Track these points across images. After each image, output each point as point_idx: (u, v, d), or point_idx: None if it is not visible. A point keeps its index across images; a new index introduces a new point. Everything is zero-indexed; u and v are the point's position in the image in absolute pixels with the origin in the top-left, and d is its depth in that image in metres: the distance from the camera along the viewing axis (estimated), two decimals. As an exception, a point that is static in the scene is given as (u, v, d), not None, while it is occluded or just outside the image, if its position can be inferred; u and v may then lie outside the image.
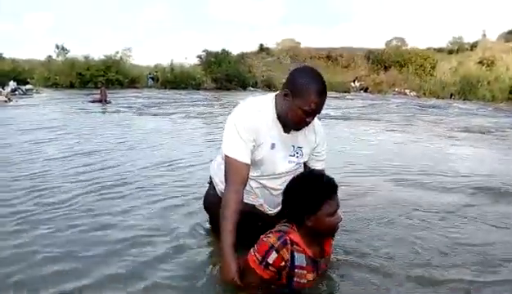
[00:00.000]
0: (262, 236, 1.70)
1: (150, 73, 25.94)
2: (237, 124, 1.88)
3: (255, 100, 2.02)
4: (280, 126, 1.94)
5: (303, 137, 2.01)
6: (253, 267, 1.65)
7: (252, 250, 1.68)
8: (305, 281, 1.68)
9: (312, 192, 1.67)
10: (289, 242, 1.65)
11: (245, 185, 1.88)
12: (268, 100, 1.96)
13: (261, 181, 2.01)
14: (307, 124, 1.91)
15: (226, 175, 1.88)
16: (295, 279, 1.66)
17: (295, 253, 1.66)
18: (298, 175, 1.82)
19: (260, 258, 1.64)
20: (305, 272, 1.68)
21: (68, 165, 4.12)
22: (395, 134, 7.79)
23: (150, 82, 25.20)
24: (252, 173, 1.94)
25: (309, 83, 1.82)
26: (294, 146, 1.99)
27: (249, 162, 1.87)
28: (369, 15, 70.53)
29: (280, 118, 1.92)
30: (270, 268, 1.63)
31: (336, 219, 1.70)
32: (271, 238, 1.65)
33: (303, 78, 1.84)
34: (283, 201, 1.80)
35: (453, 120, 10.92)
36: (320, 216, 1.66)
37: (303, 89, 1.81)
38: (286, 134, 1.96)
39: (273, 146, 1.93)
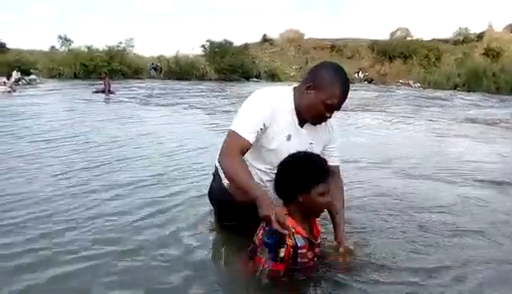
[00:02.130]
0: (258, 236, 1.73)
1: (152, 63, 25.85)
2: (254, 106, 1.86)
3: (275, 88, 2.00)
4: (296, 119, 1.91)
5: (317, 133, 1.98)
6: (266, 267, 1.69)
7: (258, 253, 1.71)
8: (306, 260, 1.74)
9: (309, 170, 1.73)
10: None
11: (241, 159, 1.83)
12: (287, 91, 1.94)
13: (272, 175, 1.94)
14: (326, 119, 1.90)
15: (224, 146, 1.84)
16: (299, 260, 1.71)
17: (295, 235, 1.71)
18: (295, 154, 1.82)
19: (272, 257, 1.68)
20: (305, 251, 1.73)
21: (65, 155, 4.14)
22: (399, 125, 7.76)
23: (153, 72, 25.12)
24: (264, 165, 1.93)
25: (334, 77, 1.82)
26: (308, 142, 1.95)
27: (251, 141, 1.82)
28: (374, 4, 69.76)
29: (298, 111, 1.90)
30: (283, 261, 1.68)
31: (326, 198, 1.76)
32: None
33: (328, 72, 1.83)
34: (276, 176, 1.82)
35: (458, 111, 10.87)
36: (312, 195, 1.72)
37: (328, 83, 1.80)
38: (301, 128, 1.94)
39: (289, 138, 1.90)
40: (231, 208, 2.14)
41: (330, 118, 1.91)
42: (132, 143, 4.97)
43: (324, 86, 1.81)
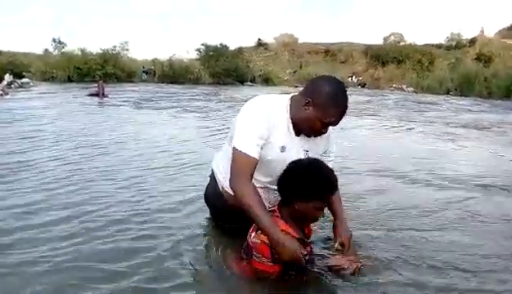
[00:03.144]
0: (250, 239, 1.76)
1: (143, 67, 25.73)
2: (253, 119, 1.85)
3: (270, 98, 1.98)
4: (291, 129, 1.91)
5: (314, 141, 1.98)
6: (262, 269, 1.73)
7: (254, 257, 1.74)
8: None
9: (311, 184, 1.71)
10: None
11: (251, 179, 1.84)
12: (283, 101, 1.93)
13: (268, 185, 1.96)
14: (321, 134, 1.92)
15: (233, 168, 1.83)
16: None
17: None
18: (309, 160, 1.82)
19: (269, 259, 1.71)
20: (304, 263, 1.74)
21: (65, 161, 4.13)
22: (392, 130, 7.81)
23: (144, 76, 24.96)
24: (260, 178, 1.91)
25: (333, 97, 1.81)
26: (304, 150, 1.95)
27: (257, 157, 1.82)
28: (367, 10, 70.35)
29: (293, 122, 1.90)
30: (278, 262, 1.71)
31: (320, 213, 1.78)
32: (265, 238, 1.71)
33: (328, 90, 1.81)
34: (283, 174, 1.80)
35: (450, 116, 10.97)
36: (309, 206, 1.72)
37: (326, 102, 1.80)
38: (297, 137, 1.94)
39: (283, 149, 1.89)
40: (226, 211, 2.15)
41: (325, 132, 1.93)
42: (128, 146, 4.97)
43: (323, 105, 1.80)
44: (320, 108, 1.81)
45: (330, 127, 1.97)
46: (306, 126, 1.89)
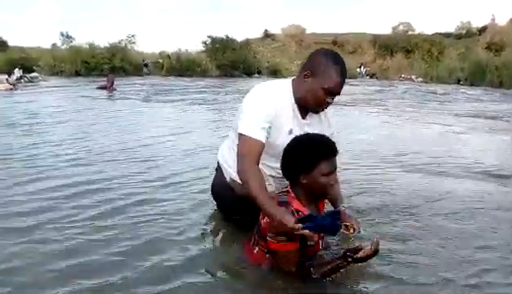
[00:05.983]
0: (263, 221, 1.73)
1: (143, 60, 25.54)
2: (256, 104, 1.88)
3: (273, 83, 2.02)
4: (297, 111, 1.94)
5: (319, 124, 2.01)
6: (279, 249, 1.70)
7: (269, 238, 1.71)
8: (313, 243, 1.74)
9: (308, 150, 1.72)
10: (295, 212, 1.71)
11: (258, 163, 1.85)
12: (286, 85, 1.96)
13: (278, 170, 1.95)
14: (327, 105, 1.93)
15: (239, 152, 1.85)
16: (308, 243, 1.72)
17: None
18: (299, 136, 1.83)
19: (285, 237, 1.67)
20: (312, 233, 1.67)
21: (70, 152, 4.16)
22: (402, 121, 7.73)
23: (144, 69, 24.73)
24: (272, 164, 1.94)
25: (330, 62, 1.85)
26: (310, 132, 1.95)
27: (263, 140, 1.84)
28: (375, -1, 69.23)
29: (298, 102, 1.93)
30: (295, 239, 1.67)
31: (331, 180, 1.74)
32: None
33: (323, 58, 1.87)
34: (282, 157, 1.81)
35: (461, 106, 10.82)
36: (314, 175, 1.70)
37: (324, 68, 1.84)
38: (303, 120, 1.96)
39: (291, 132, 1.91)
40: (233, 203, 2.16)
41: (330, 103, 1.92)
42: (133, 138, 5.00)
43: (321, 71, 1.84)
44: (319, 75, 1.84)
45: (333, 121, 1.96)
46: (310, 99, 1.90)
